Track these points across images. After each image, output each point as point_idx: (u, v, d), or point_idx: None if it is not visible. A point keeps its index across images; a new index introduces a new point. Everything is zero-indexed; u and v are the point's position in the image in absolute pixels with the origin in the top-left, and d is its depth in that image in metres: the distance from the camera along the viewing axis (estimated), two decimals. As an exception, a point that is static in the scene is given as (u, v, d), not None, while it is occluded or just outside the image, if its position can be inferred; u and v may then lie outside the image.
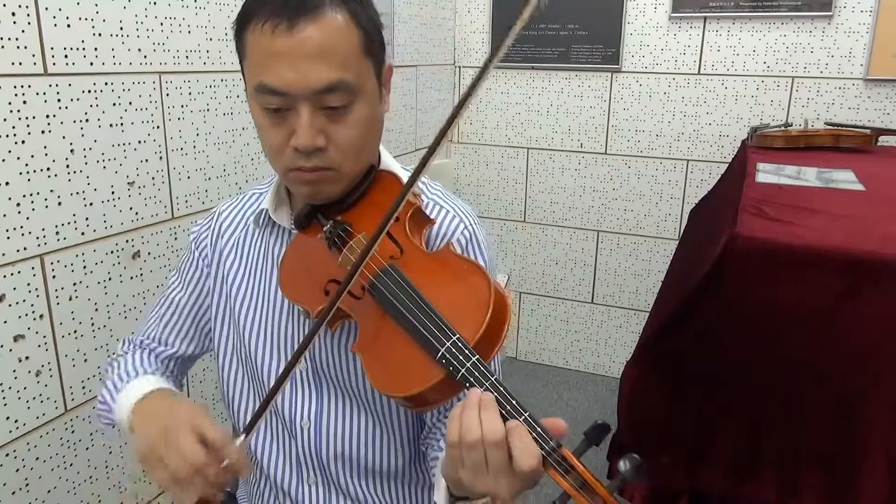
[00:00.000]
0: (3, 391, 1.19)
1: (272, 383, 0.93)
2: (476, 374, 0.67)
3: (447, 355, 0.68)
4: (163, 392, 0.90)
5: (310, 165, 0.81)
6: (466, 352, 0.68)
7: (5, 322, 1.18)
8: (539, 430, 0.66)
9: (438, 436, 0.91)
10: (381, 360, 0.75)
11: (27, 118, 1.17)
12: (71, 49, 1.23)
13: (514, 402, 0.67)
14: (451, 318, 0.71)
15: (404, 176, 0.90)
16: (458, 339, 0.69)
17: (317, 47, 0.77)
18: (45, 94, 1.19)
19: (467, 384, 0.68)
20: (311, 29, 0.77)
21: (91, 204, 1.30)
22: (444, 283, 0.77)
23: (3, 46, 1.12)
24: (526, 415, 0.67)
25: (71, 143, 1.25)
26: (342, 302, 0.77)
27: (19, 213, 1.17)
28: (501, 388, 0.68)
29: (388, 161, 0.95)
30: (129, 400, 0.89)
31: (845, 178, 1.73)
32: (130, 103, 1.36)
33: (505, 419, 0.67)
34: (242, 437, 0.79)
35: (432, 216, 0.89)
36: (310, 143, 0.79)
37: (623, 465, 0.65)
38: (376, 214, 0.79)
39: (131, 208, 1.39)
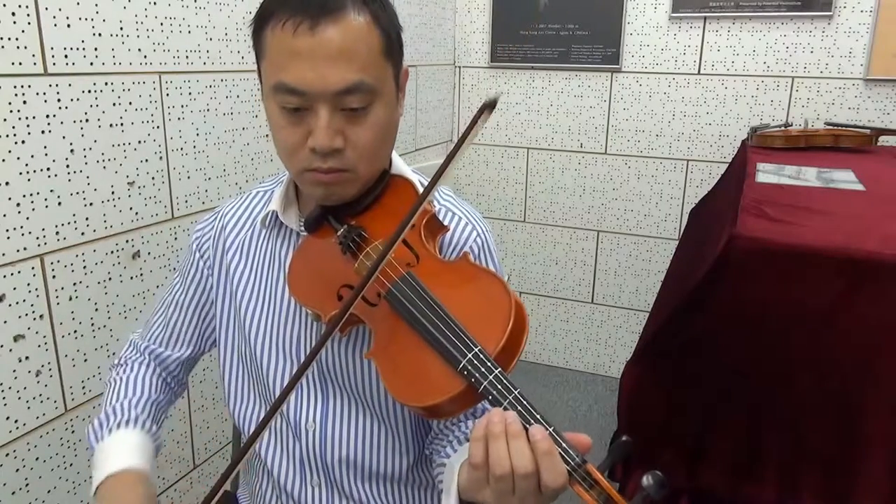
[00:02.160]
0: (3, 391, 1.19)
1: (276, 385, 0.93)
2: (499, 387, 0.66)
3: (469, 367, 0.67)
4: (127, 478, 0.87)
5: (326, 166, 0.81)
6: (489, 364, 0.67)
7: (5, 322, 1.18)
8: (564, 445, 0.65)
9: (444, 442, 0.90)
10: (398, 369, 0.74)
11: (27, 118, 1.17)
12: (71, 49, 1.23)
13: (538, 416, 0.66)
14: (472, 329, 0.70)
15: (416, 181, 0.89)
16: (479, 350, 0.67)
17: (338, 48, 0.76)
18: (45, 94, 1.19)
19: (489, 397, 0.67)
20: (333, 30, 0.76)
21: (91, 204, 1.30)
22: (463, 292, 0.76)
23: (3, 46, 1.12)
24: (551, 429, 0.65)
25: (71, 143, 1.25)
26: (356, 308, 0.76)
27: (19, 213, 1.17)
28: (525, 402, 0.66)
29: (400, 166, 0.94)
30: (103, 466, 0.87)
31: (845, 178, 1.73)
32: (130, 103, 1.36)
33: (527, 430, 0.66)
34: None
35: (445, 223, 0.88)
36: (328, 143, 0.78)
37: (646, 480, 0.63)
38: (390, 219, 0.78)
39: (131, 208, 1.39)
